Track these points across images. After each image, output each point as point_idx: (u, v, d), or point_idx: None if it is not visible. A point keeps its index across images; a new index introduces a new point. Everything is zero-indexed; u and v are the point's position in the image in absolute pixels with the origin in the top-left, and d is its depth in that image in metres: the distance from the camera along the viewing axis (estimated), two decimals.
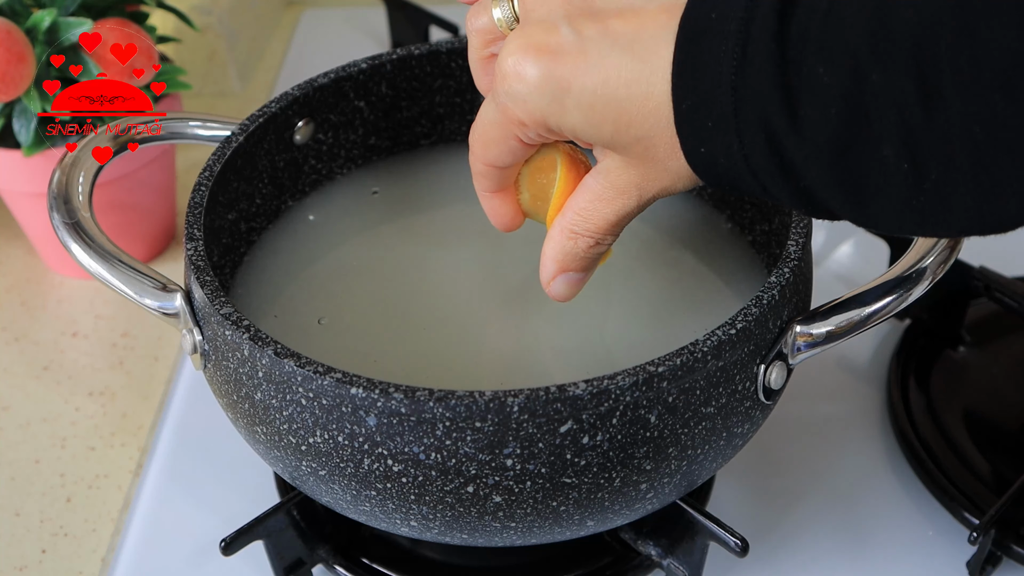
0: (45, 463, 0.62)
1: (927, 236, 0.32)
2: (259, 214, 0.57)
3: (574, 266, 0.42)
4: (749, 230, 0.56)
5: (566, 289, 0.43)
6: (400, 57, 0.58)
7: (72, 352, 0.68)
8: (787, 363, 0.45)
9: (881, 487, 0.59)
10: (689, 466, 0.45)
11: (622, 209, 0.40)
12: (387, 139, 0.61)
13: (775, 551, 0.56)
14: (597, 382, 0.40)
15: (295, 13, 1.03)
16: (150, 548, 0.57)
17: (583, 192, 0.40)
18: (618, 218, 0.40)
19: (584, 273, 0.43)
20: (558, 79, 0.36)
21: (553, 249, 0.42)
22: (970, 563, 0.54)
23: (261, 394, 0.43)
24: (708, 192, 0.58)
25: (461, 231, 0.58)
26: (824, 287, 0.69)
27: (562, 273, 0.42)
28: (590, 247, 0.41)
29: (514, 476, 0.41)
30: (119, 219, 0.69)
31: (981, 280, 0.63)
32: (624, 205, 0.40)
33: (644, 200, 0.40)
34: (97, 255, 0.49)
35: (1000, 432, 0.60)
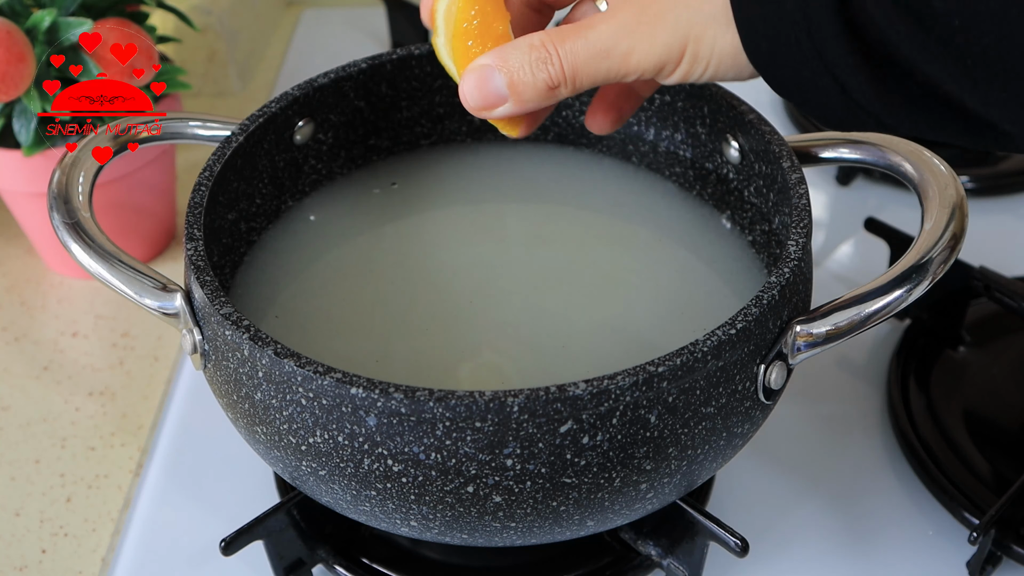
0: (45, 463, 0.62)
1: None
2: (259, 214, 0.57)
3: (508, 69, 0.39)
4: (749, 230, 0.56)
5: (476, 86, 0.40)
6: (400, 57, 0.58)
7: (72, 352, 0.68)
8: (787, 363, 0.45)
9: (881, 487, 0.59)
10: (689, 466, 0.45)
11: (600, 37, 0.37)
12: (387, 139, 0.61)
13: (775, 551, 0.56)
14: (597, 382, 0.40)
15: (295, 13, 1.03)
16: (150, 548, 0.57)
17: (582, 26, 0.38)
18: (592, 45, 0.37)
19: (504, 93, 0.39)
20: None
21: (508, 45, 0.39)
22: (970, 563, 0.54)
23: (261, 394, 0.43)
24: (708, 192, 0.58)
25: (462, 231, 0.58)
26: (824, 287, 0.69)
27: (493, 68, 0.39)
28: (541, 60, 0.38)
29: (514, 476, 0.41)
30: (119, 219, 0.69)
31: (981, 280, 0.63)
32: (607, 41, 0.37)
33: (632, 51, 0.37)
34: (97, 255, 0.49)
35: (1000, 432, 0.60)
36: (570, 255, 0.56)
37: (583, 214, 0.59)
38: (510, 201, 0.60)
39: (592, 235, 0.58)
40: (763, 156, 0.53)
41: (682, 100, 0.57)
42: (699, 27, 0.35)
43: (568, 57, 0.38)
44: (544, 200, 0.60)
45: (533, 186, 0.60)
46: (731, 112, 0.54)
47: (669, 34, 0.36)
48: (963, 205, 0.47)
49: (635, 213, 0.58)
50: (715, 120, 0.56)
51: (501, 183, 0.61)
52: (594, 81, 0.39)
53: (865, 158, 0.51)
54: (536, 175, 0.61)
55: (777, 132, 0.51)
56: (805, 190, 0.48)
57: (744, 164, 0.55)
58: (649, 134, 0.60)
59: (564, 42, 0.38)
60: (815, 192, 0.78)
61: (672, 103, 0.58)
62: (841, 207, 0.78)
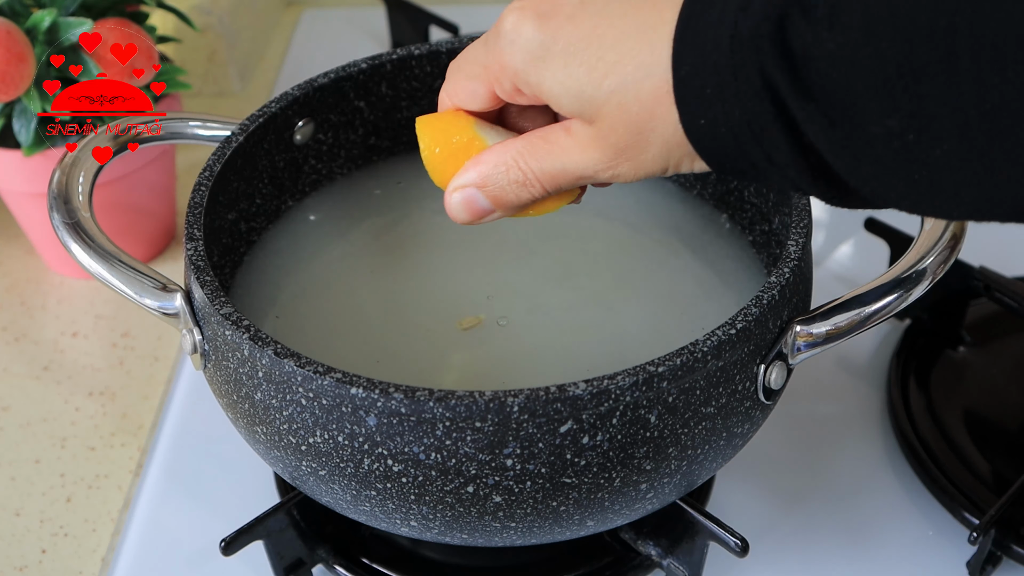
0: (45, 463, 0.62)
1: (933, 215, 0.31)
2: (259, 214, 0.57)
3: (491, 192, 0.40)
4: (749, 230, 0.56)
5: (462, 207, 0.41)
6: (400, 57, 0.58)
7: (72, 352, 0.68)
8: (787, 363, 0.45)
9: (881, 487, 0.59)
10: (689, 466, 0.45)
11: (580, 167, 0.38)
12: (387, 139, 0.61)
13: (775, 551, 0.56)
14: (597, 382, 0.40)
15: (295, 13, 1.03)
16: (150, 548, 0.57)
17: (554, 131, 0.38)
18: (570, 173, 0.38)
19: (492, 208, 0.40)
20: (552, 30, 0.36)
21: (484, 163, 0.40)
22: (970, 563, 0.54)
23: (261, 394, 0.43)
24: (708, 192, 0.58)
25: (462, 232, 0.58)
26: (824, 287, 0.69)
27: (475, 189, 0.40)
28: (519, 183, 0.39)
29: (514, 476, 0.41)
30: (119, 219, 0.69)
31: (981, 280, 0.63)
32: (584, 171, 0.38)
33: (616, 173, 0.38)
34: (97, 255, 0.48)
35: (1000, 432, 0.60)
36: (570, 255, 0.56)
37: (583, 214, 0.59)
38: None
39: (592, 235, 0.58)
40: None
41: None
42: (675, 152, 0.36)
43: (547, 180, 0.39)
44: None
45: None
46: None
47: (652, 165, 0.37)
48: None
49: (635, 213, 0.58)
50: None
51: None
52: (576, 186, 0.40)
53: None
54: None
55: None
56: None
57: None
58: None
59: (541, 165, 0.39)
60: None
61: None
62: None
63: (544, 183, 0.39)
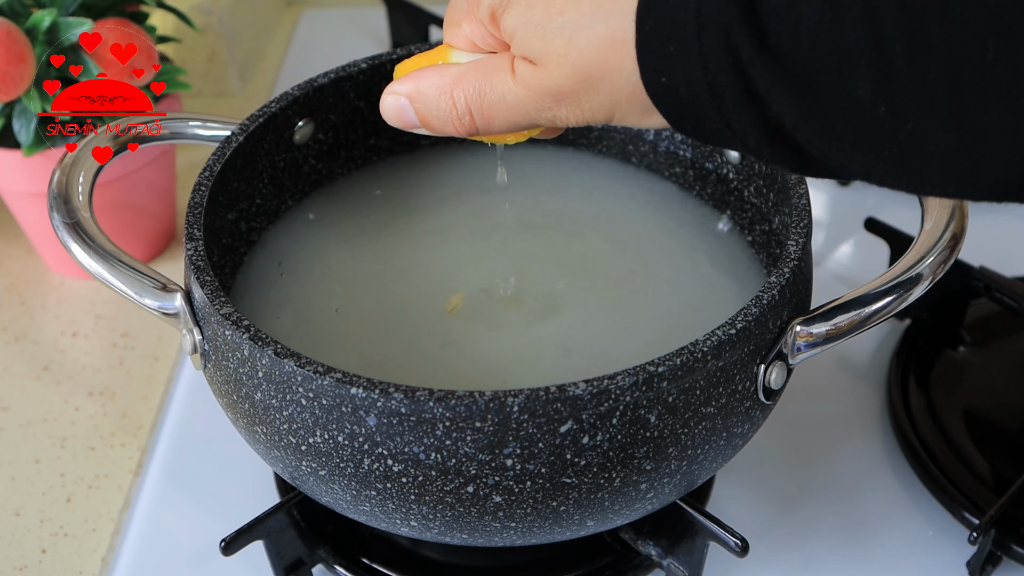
0: (45, 463, 0.62)
1: (900, 189, 0.31)
2: (259, 214, 0.57)
3: (423, 109, 0.39)
4: (749, 230, 0.56)
5: (393, 114, 0.40)
6: (400, 57, 0.58)
7: (72, 352, 0.68)
8: (787, 363, 0.45)
9: (881, 487, 0.59)
10: (689, 466, 0.45)
11: (515, 109, 0.37)
12: (387, 139, 0.61)
13: (775, 551, 0.56)
14: (597, 382, 0.40)
15: (295, 13, 1.03)
16: (150, 548, 0.57)
17: (496, 61, 0.38)
18: (503, 114, 0.38)
19: (419, 121, 0.40)
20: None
21: (422, 78, 0.39)
22: (970, 563, 0.54)
23: (261, 394, 0.43)
24: (708, 192, 0.58)
25: (463, 232, 0.58)
26: (824, 287, 0.69)
27: (407, 99, 0.40)
28: (447, 110, 0.39)
29: (514, 476, 0.41)
30: (119, 219, 0.69)
31: (981, 280, 0.63)
32: (524, 114, 0.37)
33: (551, 122, 0.37)
34: (97, 255, 0.49)
35: (1000, 432, 0.60)
36: (570, 255, 0.56)
37: (583, 214, 0.59)
38: (510, 201, 0.60)
39: (592, 235, 0.58)
40: None
41: None
42: (624, 105, 0.36)
43: (479, 116, 0.39)
44: (544, 200, 0.60)
45: (533, 186, 0.60)
46: None
47: (595, 113, 0.36)
48: (963, 205, 0.47)
49: (635, 213, 0.58)
50: None
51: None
52: (512, 129, 0.40)
53: None
54: (536, 175, 0.61)
55: None
56: (805, 190, 0.48)
57: (744, 164, 0.55)
58: (649, 134, 0.60)
59: (478, 100, 0.38)
60: (815, 192, 0.78)
61: None
62: (841, 207, 0.78)
63: (476, 119, 0.38)
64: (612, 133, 0.61)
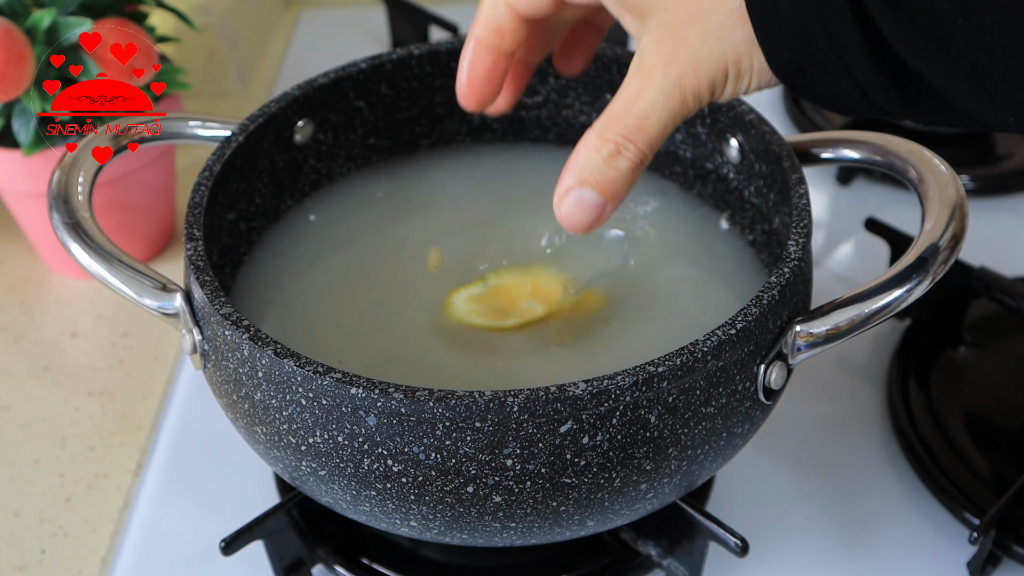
0: (45, 463, 0.62)
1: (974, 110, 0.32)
2: (259, 214, 0.57)
3: (593, 180, 0.39)
4: (749, 230, 0.56)
5: (576, 211, 0.40)
6: (400, 57, 0.58)
7: (72, 352, 0.68)
8: (787, 363, 0.45)
9: (881, 487, 0.59)
10: (689, 466, 0.45)
11: (652, 97, 0.37)
12: (387, 139, 0.61)
13: (775, 551, 0.56)
14: (597, 382, 0.40)
15: (295, 13, 1.03)
16: (150, 548, 0.57)
17: (619, 94, 0.38)
18: (653, 119, 0.38)
19: (602, 200, 0.39)
20: None
21: (575, 158, 0.39)
22: (970, 563, 0.54)
23: (261, 394, 0.43)
24: (708, 192, 0.58)
25: (462, 232, 0.58)
26: (824, 287, 0.69)
27: (578, 188, 0.39)
28: (613, 155, 0.38)
29: (514, 476, 0.41)
30: (119, 219, 0.69)
31: (981, 280, 0.63)
32: (660, 102, 0.37)
33: (686, 95, 0.37)
34: (97, 255, 0.48)
35: (1000, 432, 0.60)
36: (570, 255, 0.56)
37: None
38: (510, 201, 0.60)
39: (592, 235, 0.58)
40: (763, 156, 0.53)
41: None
42: (733, 54, 0.36)
43: (636, 136, 0.38)
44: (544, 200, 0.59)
45: (533, 186, 0.60)
46: (731, 112, 0.54)
47: (712, 70, 0.36)
48: (963, 205, 0.47)
49: (635, 213, 0.58)
50: (715, 120, 0.56)
51: (501, 183, 0.61)
52: (666, 135, 0.39)
53: (865, 158, 0.51)
54: (536, 175, 0.61)
55: (777, 132, 0.51)
56: (805, 190, 0.48)
57: (744, 164, 0.55)
58: None
59: (624, 122, 0.38)
60: (815, 192, 0.78)
61: None
62: (841, 207, 0.78)
63: (636, 141, 0.38)
64: None
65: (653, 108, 0.38)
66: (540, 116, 0.61)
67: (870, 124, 0.81)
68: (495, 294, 0.52)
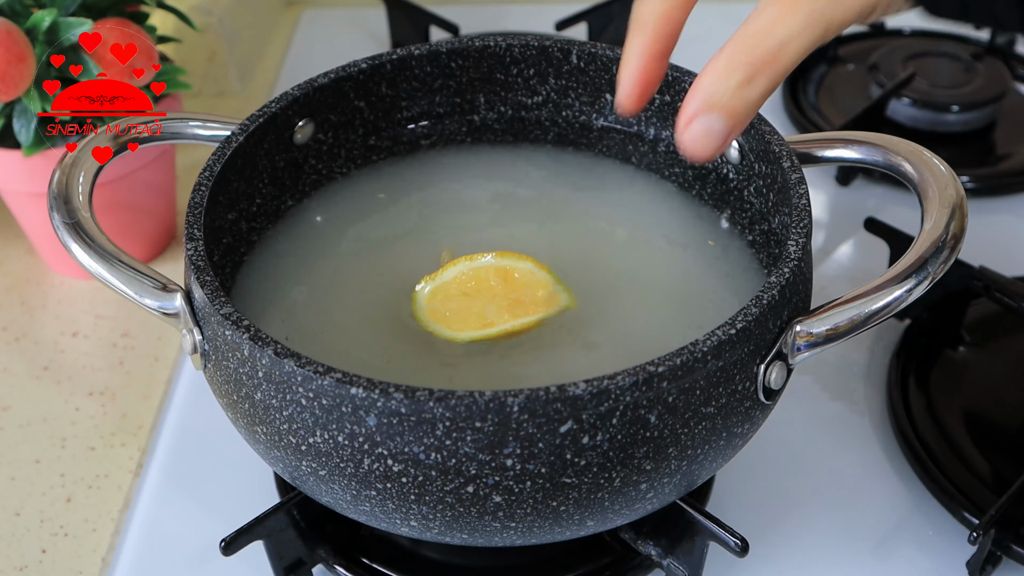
0: (45, 463, 0.62)
1: None
2: (260, 214, 0.57)
3: (721, 106, 0.37)
4: (749, 230, 0.56)
5: (702, 138, 0.38)
6: (400, 57, 0.58)
7: (72, 352, 0.68)
8: (787, 363, 0.45)
9: (881, 487, 0.59)
10: (689, 466, 0.45)
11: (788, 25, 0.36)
12: (387, 139, 0.61)
13: (775, 551, 0.56)
14: (597, 382, 0.40)
15: (295, 13, 1.03)
16: (150, 548, 0.57)
17: (753, 19, 0.37)
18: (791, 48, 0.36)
19: (728, 124, 0.38)
20: None
21: (702, 83, 0.38)
22: (970, 563, 0.54)
23: (261, 394, 0.43)
24: (708, 192, 0.58)
25: (462, 232, 0.58)
26: (824, 287, 0.69)
27: (705, 113, 0.38)
28: (744, 82, 0.37)
29: (514, 476, 0.41)
30: (119, 219, 0.69)
31: (981, 280, 0.63)
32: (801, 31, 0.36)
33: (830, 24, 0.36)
34: (97, 255, 0.49)
35: (1000, 432, 0.60)
36: (570, 255, 0.56)
37: (583, 214, 0.59)
38: (510, 201, 0.60)
39: (592, 235, 0.58)
40: (763, 156, 0.53)
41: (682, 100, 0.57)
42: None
43: (770, 64, 0.37)
44: (544, 200, 0.60)
45: (533, 187, 0.60)
46: None
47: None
48: (963, 205, 0.47)
49: (634, 213, 0.58)
50: None
51: (501, 183, 0.61)
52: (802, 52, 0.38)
53: (865, 158, 0.51)
54: (536, 175, 0.61)
55: (777, 132, 0.51)
56: (805, 190, 0.48)
57: (744, 164, 0.55)
58: (649, 134, 0.60)
59: (759, 57, 0.37)
60: (815, 192, 0.78)
61: (672, 103, 0.58)
62: (841, 207, 0.78)
63: (770, 70, 0.37)
64: (612, 133, 0.61)
65: (793, 37, 0.36)
66: (540, 116, 0.61)
67: (870, 124, 0.81)
68: (463, 287, 0.51)
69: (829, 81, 0.89)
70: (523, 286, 0.50)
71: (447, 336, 0.50)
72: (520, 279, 0.50)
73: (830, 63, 0.91)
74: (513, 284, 0.50)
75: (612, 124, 0.60)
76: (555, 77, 0.60)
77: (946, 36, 0.91)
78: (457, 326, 0.50)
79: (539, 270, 0.50)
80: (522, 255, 0.50)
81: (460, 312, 0.50)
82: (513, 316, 0.50)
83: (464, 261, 0.51)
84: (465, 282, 0.50)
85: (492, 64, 0.59)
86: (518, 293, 0.50)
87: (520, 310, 0.50)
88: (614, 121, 0.60)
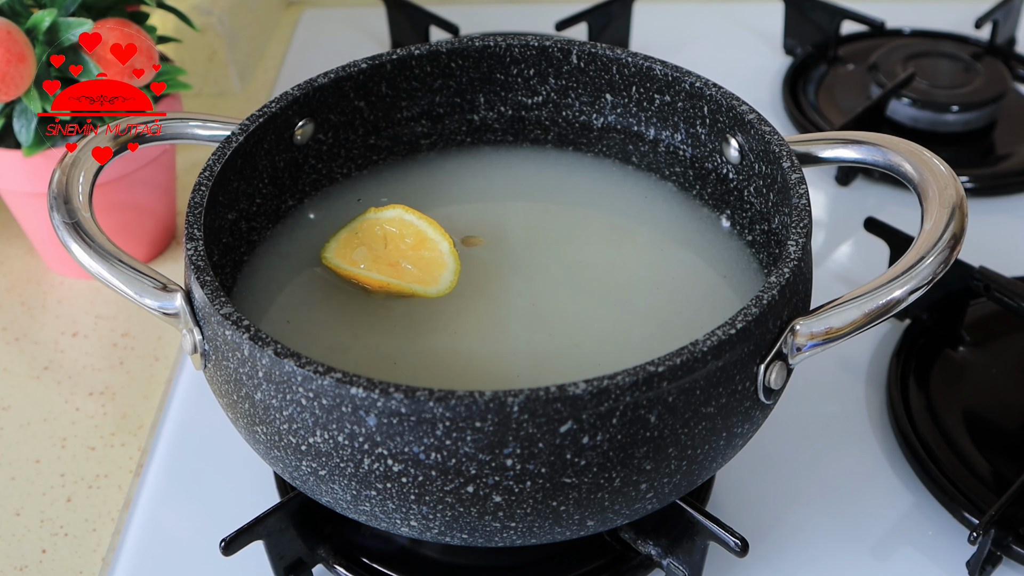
0: (45, 463, 0.62)
1: None
2: (260, 214, 0.57)
3: None
4: (749, 230, 0.56)
5: None
6: (400, 57, 0.58)
7: (72, 352, 0.68)
8: (787, 363, 0.45)
9: (881, 487, 0.59)
10: (689, 466, 0.45)
11: None
12: (387, 139, 0.61)
13: (775, 551, 0.56)
14: (597, 382, 0.40)
15: (295, 13, 1.03)
16: (150, 548, 0.57)
17: None
18: None
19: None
20: None
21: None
22: (970, 563, 0.54)
23: (261, 394, 0.43)
24: (707, 192, 0.58)
25: (462, 232, 0.58)
26: (824, 287, 0.69)
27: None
28: None
29: (514, 476, 0.41)
30: (119, 219, 0.69)
31: (981, 280, 0.63)
32: None
33: None
34: (97, 255, 0.49)
35: (1000, 432, 0.60)
36: (570, 256, 0.56)
37: (583, 215, 0.59)
38: (510, 201, 0.60)
39: (592, 236, 0.58)
40: (763, 156, 0.53)
41: (682, 100, 0.57)
42: None
43: None
44: (544, 200, 0.60)
45: (533, 186, 0.60)
46: (731, 112, 0.54)
47: None
48: (963, 205, 0.47)
49: (635, 213, 0.59)
50: (715, 120, 0.56)
51: (501, 183, 0.61)
52: None
53: (865, 158, 0.51)
54: (536, 175, 0.61)
55: (777, 132, 0.51)
56: (805, 190, 0.48)
57: (744, 164, 0.55)
58: (649, 134, 0.60)
59: None
60: (815, 192, 0.78)
61: (672, 103, 0.58)
62: (841, 207, 0.78)
63: None
64: (612, 133, 0.61)
65: None
66: (540, 116, 0.61)
67: (870, 124, 0.81)
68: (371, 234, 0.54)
69: (829, 81, 0.89)
70: (411, 248, 0.53)
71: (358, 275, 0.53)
72: (412, 243, 0.53)
73: (830, 63, 0.91)
74: (402, 244, 0.54)
75: (612, 124, 0.60)
76: (555, 77, 0.60)
77: (946, 36, 0.91)
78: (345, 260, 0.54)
79: (442, 239, 0.54)
80: (428, 217, 0.54)
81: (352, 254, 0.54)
82: (389, 275, 0.53)
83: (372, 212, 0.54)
84: (367, 229, 0.54)
85: (492, 64, 0.59)
86: (401, 255, 0.53)
87: (396, 272, 0.53)
88: (614, 121, 0.60)
